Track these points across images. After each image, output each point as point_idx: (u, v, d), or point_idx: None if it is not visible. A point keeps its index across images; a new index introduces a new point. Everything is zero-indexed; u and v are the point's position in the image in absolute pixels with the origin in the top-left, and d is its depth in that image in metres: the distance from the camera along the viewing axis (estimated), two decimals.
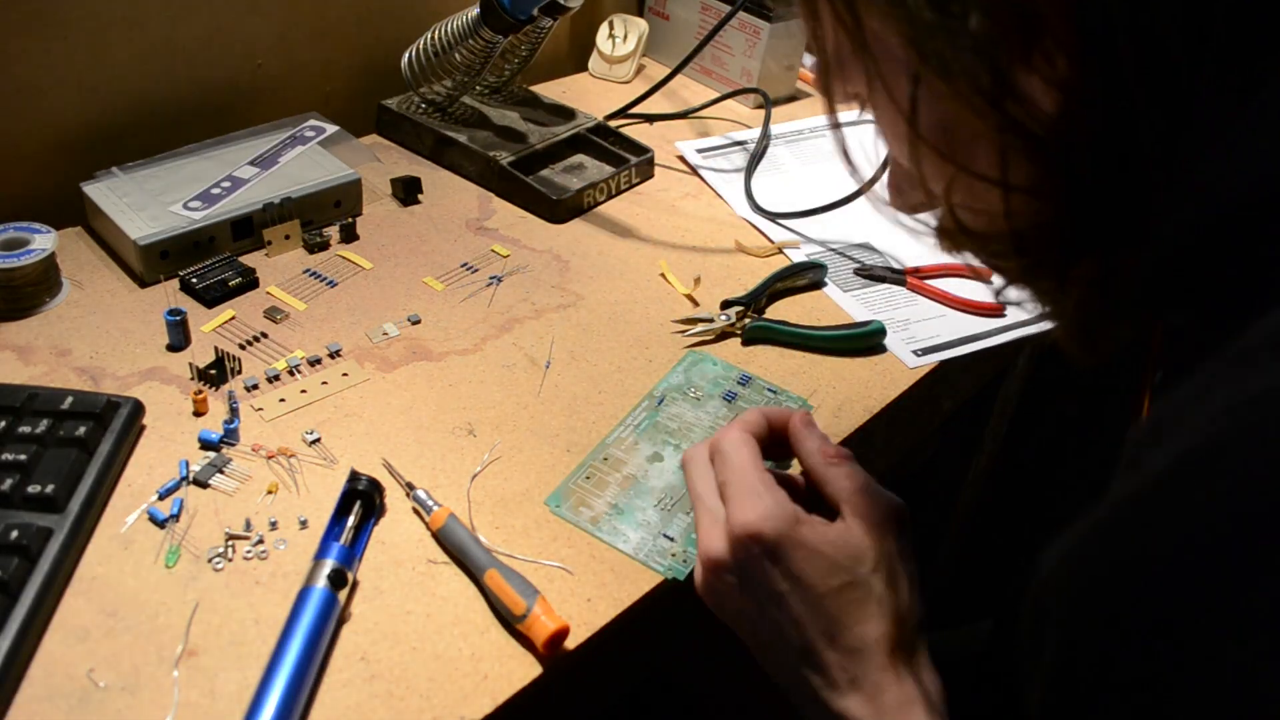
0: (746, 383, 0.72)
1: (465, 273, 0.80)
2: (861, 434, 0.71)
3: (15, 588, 0.50)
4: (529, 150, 0.92)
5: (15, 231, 0.70)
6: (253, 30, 0.89)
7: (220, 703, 0.48)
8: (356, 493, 0.58)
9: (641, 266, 0.84)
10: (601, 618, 0.55)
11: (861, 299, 0.84)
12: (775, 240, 0.90)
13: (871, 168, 0.49)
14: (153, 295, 0.73)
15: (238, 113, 0.90)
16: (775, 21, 1.08)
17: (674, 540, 0.59)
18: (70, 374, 0.65)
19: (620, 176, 0.94)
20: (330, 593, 0.51)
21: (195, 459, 0.60)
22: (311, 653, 0.49)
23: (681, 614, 0.65)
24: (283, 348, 0.70)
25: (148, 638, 0.50)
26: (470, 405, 0.67)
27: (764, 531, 0.47)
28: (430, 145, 0.94)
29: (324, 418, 0.65)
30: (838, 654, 0.46)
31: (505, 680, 0.51)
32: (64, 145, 0.81)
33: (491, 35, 0.87)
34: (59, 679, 0.48)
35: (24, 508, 0.54)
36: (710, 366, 0.73)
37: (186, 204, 0.77)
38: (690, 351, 0.74)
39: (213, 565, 0.54)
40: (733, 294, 0.80)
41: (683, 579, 0.57)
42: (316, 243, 0.80)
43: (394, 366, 0.70)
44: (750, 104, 1.13)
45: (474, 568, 0.55)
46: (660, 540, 0.59)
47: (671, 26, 1.18)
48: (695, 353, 0.74)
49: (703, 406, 0.69)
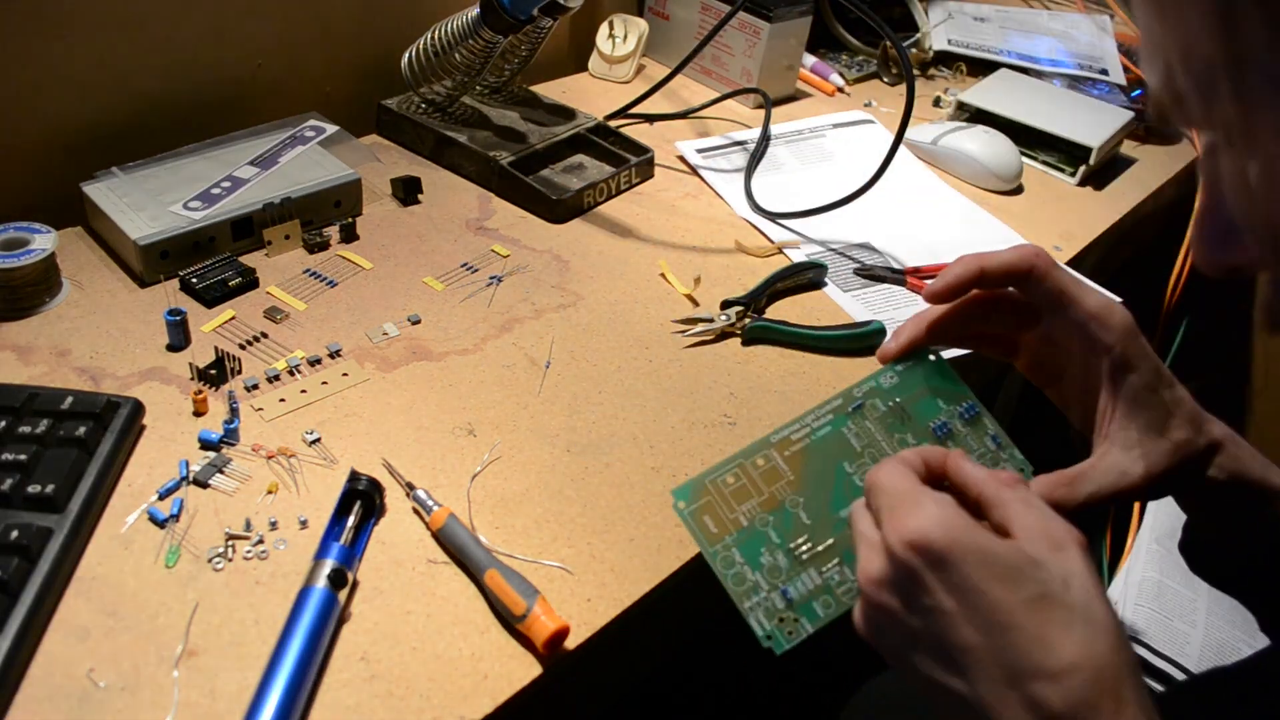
0: (970, 418, 0.53)
1: (465, 273, 0.80)
2: None
3: (15, 588, 0.50)
4: (529, 150, 0.92)
5: (15, 231, 0.70)
6: (253, 30, 0.89)
7: (220, 703, 0.48)
8: (356, 493, 0.58)
9: (641, 266, 0.84)
10: (601, 618, 0.55)
11: (861, 299, 0.84)
12: (775, 240, 0.90)
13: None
14: (153, 295, 0.73)
15: (238, 113, 0.90)
16: (775, 21, 1.08)
17: (791, 604, 0.47)
18: (70, 374, 0.65)
19: (620, 176, 0.94)
20: (330, 593, 0.51)
21: (195, 459, 0.60)
22: (311, 653, 0.49)
23: (681, 614, 0.65)
24: (283, 348, 0.70)
25: (148, 638, 0.50)
26: (470, 405, 0.67)
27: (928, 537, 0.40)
28: (430, 145, 0.94)
29: (324, 418, 0.65)
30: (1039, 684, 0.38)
31: (505, 680, 0.51)
32: (64, 145, 0.81)
33: (491, 35, 0.87)
34: (59, 679, 0.48)
35: (24, 508, 0.54)
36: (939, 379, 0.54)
37: (186, 204, 0.77)
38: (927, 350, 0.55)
39: (213, 565, 0.54)
40: (733, 294, 0.80)
41: (779, 653, 0.47)
42: (316, 243, 0.80)
43: (394, 366, 0.70)
44: (750, 104, 1.13)
45: (474, 568, 0.55)
46: (774, 596, 0.47)
47: (671, 26, 1.18)
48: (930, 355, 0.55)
49: (903, 431, 0.52)
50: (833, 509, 0.49)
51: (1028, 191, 1.06)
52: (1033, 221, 1.00)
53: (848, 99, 1.21)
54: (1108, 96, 1.22)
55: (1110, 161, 1.14)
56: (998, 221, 0.98)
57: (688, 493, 0.49)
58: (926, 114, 1.19)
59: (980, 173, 1.04)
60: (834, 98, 1.21)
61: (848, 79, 1.23)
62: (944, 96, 1.22)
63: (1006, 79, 1.20)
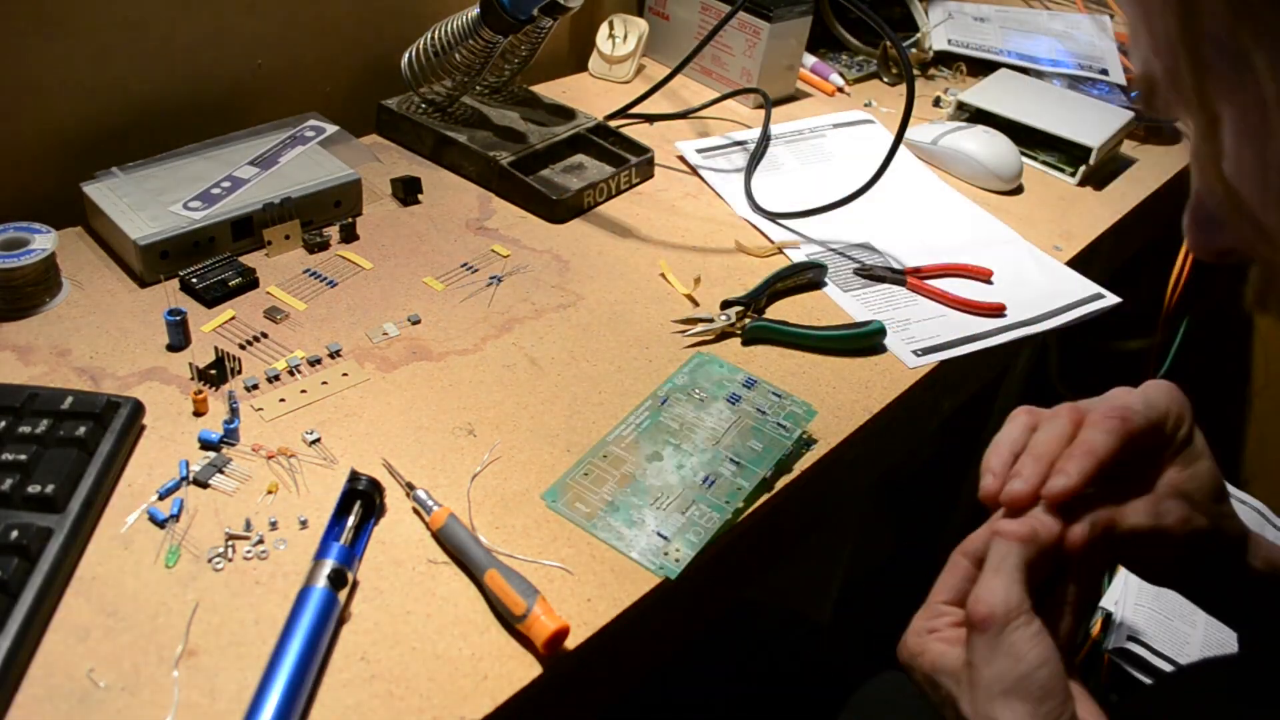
0: (752, 385, 0.71)
1: (465, 273, 0.80)
2: (862, 434, 0.71)
3: (15, 588, 0.50)
4: (529, 150, 0.92)
5: (15, 231, 0.70)
6: (253, 30, 0.89)
7: (220, 703, 0.48)
8: (356, 493, 0.58)
9: (641, 266, 0.84)
10: (601, 618, 0.55)
11: (861, 299, 0.84)
12: (775, 240, 0.90)
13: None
14: (153, 295, 0.73)
15: (238, 113, 0.90)
16: (775, 21, 1.08)
17: (668, 539, 0.59)
18: (70, 374, 0.65)
19: (620, 176, 0.94)
20: (330, 593, 0.51)
21: (195, 459, 0.60)
22: (311, 653, 0.49)
23: (681, 614, 0.65)
24: (283, 348, 0.70)
25: (148, 638, 0.50)
26: (470, 405, 0.67)
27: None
28: (430, 145, 0.94)
29: (324, 418, 0.65)
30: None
31: (505, 680, 0.51)
32: (64, 145, 0.81)
33: (491, 35, 0.87)
34: (59, 679, 0.48)
35: (24, 508, 0.54)
36: (716, 368, 0.72)
37: (186, 204, 0.77)
38: (698, 353, 0.74)
39: (213, 565, 0.54)
40: (733, 294, 0.80)
41: (674, 577, 0.57)
42: (316, 243, 0.80)
43: (394, 366, 0.70)
44: (750, 104, 1.13)
45: (474, 568, 0.55)
46: (654, 539, 0.59)
47: (671, 26, 1.18)
48: (702, 354, 0.74)
49: (706, 408, 0.68)
50: (674, 470, 0.63)
51: (1028, 191, 1.06)
52: (1033, 221, 1.00)
53: (848, 99, 1.21)
54: (1108, 96, 1.22)
55: (1110, 161, 1.14)
56: (998, 221, 0.98)
57: (555, 493, 0.61)
58: (926, 114, 1.19)
59: (980, 173, 1.04)
60: (834, 98, 1.21)
61: (848, 79, 1.23)
62: (944, 96, 1.22)
63: (1006, 79, 1.20)
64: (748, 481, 0.63)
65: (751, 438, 0.66)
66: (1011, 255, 0.93)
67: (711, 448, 0.65)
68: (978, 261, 0.90)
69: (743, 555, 0.66)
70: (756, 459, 0.65)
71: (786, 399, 0.70)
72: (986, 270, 0.89)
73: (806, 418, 0.68)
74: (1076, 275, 0.92)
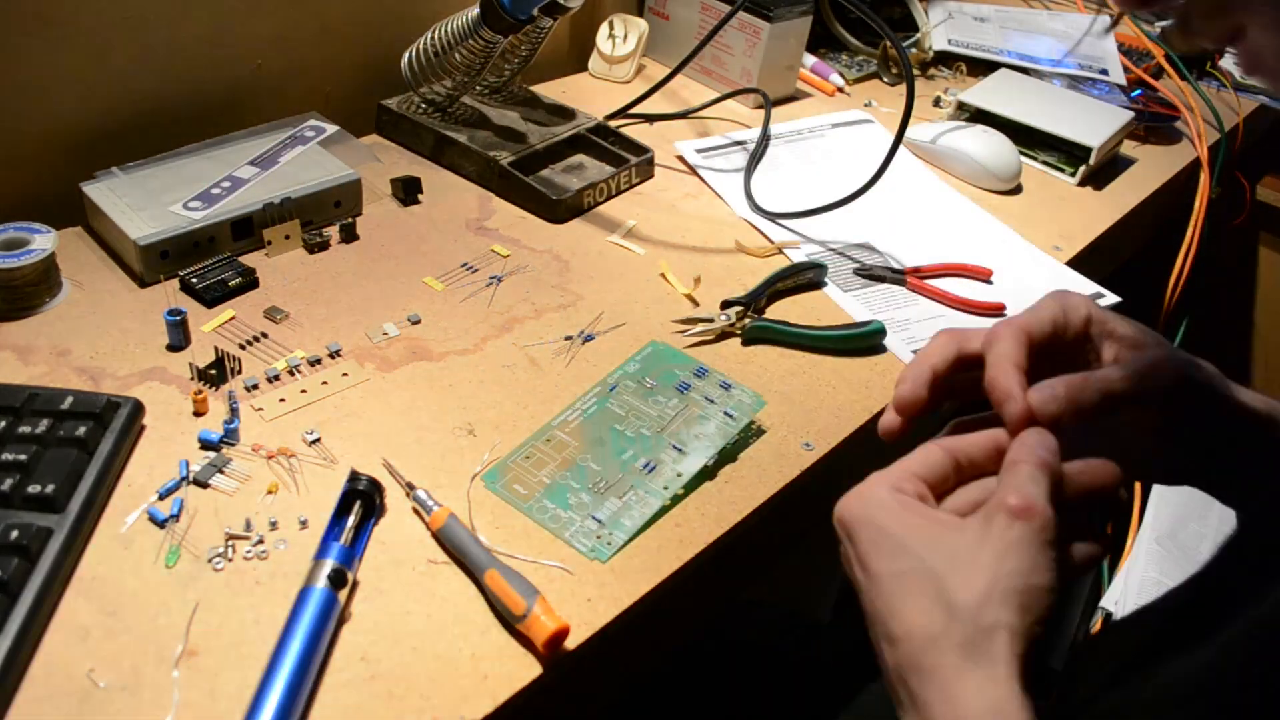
0: (703, 375, 0.71)
1: (465, 273, 0.80)
2: (862, 434, 0.71)
3: (15, 588, 0.50)
4: (529, 150, 0.92)
5: (15, 231, 0.70)
6: (253, 30, 0.89)
7: (220, 703, 0.48)
8: (356, 493, 0.58)
9: (641, 266, 0.84)
10: (601, 618, 0.55)
11: (861, 299, 0.84)
12: (775, 240, 0.90)
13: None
14: (153, 295, 0.73)
15: (238, 113, 0.90)
16: (775, 21, 1.08)
17: (602, 524, 0.60)
18: (70, 374, 0.65)
19: (620, 176, 0.94)
20: (330, 593, 0.51)
21: (195, 459, 0.60)
22: (311, 653, 0.49)
23: (681, 614, 0.65)
24: (283, 348, 0.70)
25: (148, 638, 0.50)
26: (470, 405, 0.67)
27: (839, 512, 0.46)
28: (430, 145, 0.94)
29: (324, 418, 0.65)
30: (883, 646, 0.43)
31: (505, 680, 0.51)
32: (64, 145, 0.81)
33: (491, 35, 0.87)
34: (59, 679, 0.48)
35: (24, 508, 0.54)
36: (668, 357, 0.73)
37: (186, 204, 0.77)
38: (652, 341, 0.74)
39: (213, 565, 0.54)
40: (733, 294, 0.80)
41: (605, 560, 0.58)
42: (316, 243, 0.80)
43: (394, 366, 0.70)
44: (750, 104, 1.13)
45: (474, 568, 0.55)
46: (588, 522, 0.59)
47: (671, 26, 1.18)
48: (656, 343, 0.74)
49: (654, 396, 0.69)
50: (615, 456, 0.64)
51: (1027, 191, 1.06)
52: (1032, 221, 1.00)
53: (848, 99, 1.21)
54: (1108, 96, 1.22)
55: (1110, 161, 1.14)
56: (998, 221, 0.98)
57: (494, 475, 0.62)
58: (926, 114, 1.19)
59: (980, 172, 1.04)
60: (834, 98, 1.21)
61: (848, 79, 1.23)
62: (944, 96, 1.22)
63: (1006, 79, 1.20)
64: (688, 469, 0.63)
65: (697, 425, 0.67)
66: (1011, 255, 0.93)
67: (655, 435, 0.66)
68: (978, 261, 0.90)
69: (743, 555, 0.66)
70: (699, 447, 0.65)
71: (736, 388, 0.70)
72: (986, 270, 0.89)
73: (755, 408, 0.69)
74: (1076, 275, 0.92)
